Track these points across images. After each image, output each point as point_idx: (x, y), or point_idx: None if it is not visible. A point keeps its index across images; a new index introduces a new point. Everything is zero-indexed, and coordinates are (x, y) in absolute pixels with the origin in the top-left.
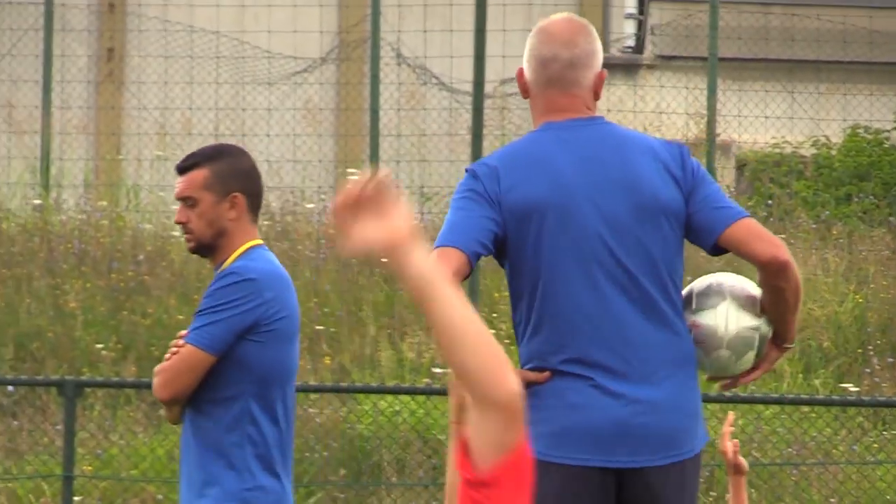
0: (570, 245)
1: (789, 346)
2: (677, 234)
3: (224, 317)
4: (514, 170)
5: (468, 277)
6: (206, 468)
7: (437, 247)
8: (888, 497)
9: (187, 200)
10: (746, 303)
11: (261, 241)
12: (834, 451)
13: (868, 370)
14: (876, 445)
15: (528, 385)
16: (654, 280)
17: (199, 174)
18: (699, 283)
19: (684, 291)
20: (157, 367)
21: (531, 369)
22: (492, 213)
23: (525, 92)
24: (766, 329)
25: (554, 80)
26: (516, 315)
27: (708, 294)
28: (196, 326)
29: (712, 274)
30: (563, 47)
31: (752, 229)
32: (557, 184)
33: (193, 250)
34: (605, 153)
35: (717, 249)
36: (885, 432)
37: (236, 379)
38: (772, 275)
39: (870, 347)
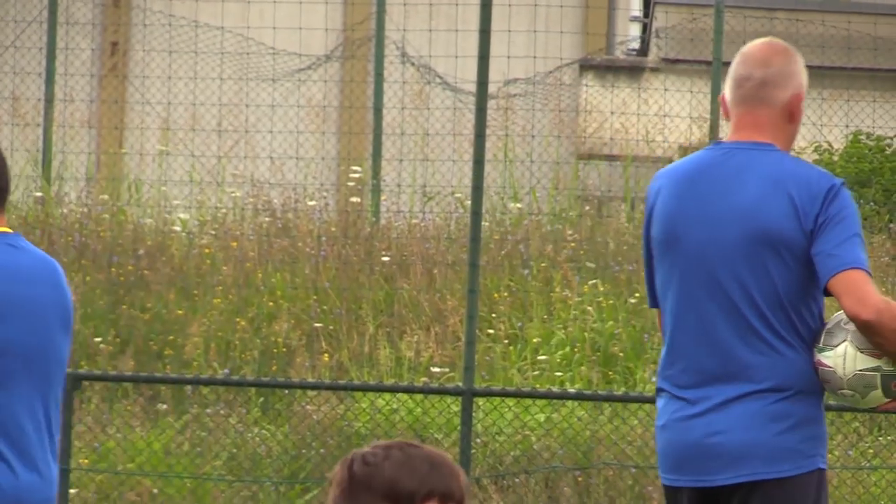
0: (680, 268)
1: None
2: (790, 265)
3: None
4: (663, 188)
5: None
6: None
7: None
8: (882, 502)
9: None
10: (866, 343)
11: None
12: (829, 455)
13: None
14: (871, 451)
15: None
16: (754, 307)
17: None
18: (832, 319)
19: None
20: None
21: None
22: (649, 246)
23: (726, 114)
24: (889, 368)
25: (746, 99)
26: None
27: (833, 332)
28: None
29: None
30: (758, 67)
31: (847, 284)
32: (683, 207)
33: None
34: (736, 179)
35: (827, 293)
36: (880, 438)
37: None
38: (860, 330)
39: None
